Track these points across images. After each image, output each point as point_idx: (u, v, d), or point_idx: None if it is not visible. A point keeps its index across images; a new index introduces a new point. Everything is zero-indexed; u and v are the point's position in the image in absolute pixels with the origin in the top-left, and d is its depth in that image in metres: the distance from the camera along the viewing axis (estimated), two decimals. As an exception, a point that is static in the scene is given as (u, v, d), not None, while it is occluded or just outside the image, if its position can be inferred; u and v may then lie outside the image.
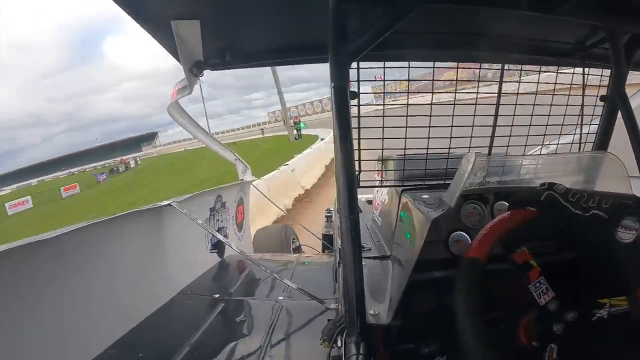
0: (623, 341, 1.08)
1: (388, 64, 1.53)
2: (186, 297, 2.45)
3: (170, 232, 2.47)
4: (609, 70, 1.66)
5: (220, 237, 2.70)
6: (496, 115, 1.57)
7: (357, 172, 1.47)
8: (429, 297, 1.35)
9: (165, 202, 2.37)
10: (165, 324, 2.15)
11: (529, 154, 1.68)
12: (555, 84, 1.65)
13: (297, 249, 4.54)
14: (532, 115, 1.59)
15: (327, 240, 4.20)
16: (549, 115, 1.61)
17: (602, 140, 1.72)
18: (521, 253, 1.11)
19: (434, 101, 1.58)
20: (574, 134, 1.71)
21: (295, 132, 33.67)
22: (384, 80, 1.54)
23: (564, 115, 1.65)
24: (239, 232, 3.85)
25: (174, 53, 1.77)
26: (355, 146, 1.36)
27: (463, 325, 0.96)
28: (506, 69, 1.62)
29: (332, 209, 4.20)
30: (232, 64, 1.90)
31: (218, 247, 3.13)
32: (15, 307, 1.48)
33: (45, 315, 1.59)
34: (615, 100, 1.66)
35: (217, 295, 2.51)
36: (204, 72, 1.91)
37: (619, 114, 1.68)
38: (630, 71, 1.68)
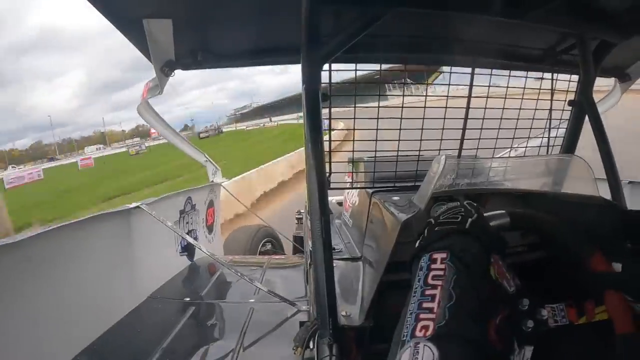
0: (594, 343, 1.10)
1: (360, 66, 1.53)
2: (156, 301, 2.41)
3: (140, 234, 2.42)
4: (577, 76, 1.70)
5: (191, 239, 2.67)
6: (466, 119, 1.59)
7: (327, 174, 1.47)
8: (401, 297, 1.35)
9: (134, 204, 2.33)
10: (135, 329, 2.11)
11: (498, 156, 1.70)
12: (525, 88, 1.67)
13: (267, 252, 4.51)
14: (501, 119, 1.61)
15: (298, 242, 4.19)
16: (517, 118, 1.64)
17: (570, 144, 1.76)
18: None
19: (404, 104, 1.59)
20: (543, 137, 1.74)
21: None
22: (356, 83, 1.54)
23: (533, 119, 1.68)
24: (209, 234, 3.81)
25: (145, 52, 1.74)
26: (326, 148, 1.36)
27: None
28: (476, 73, 1.64)
29: (302, 210, 4.18)
30: (204, 64, 1.88)
31: (188, 249, 3.09)
32: None
33: (9, 322, 1.55)
34: (583, 104, 1.70)
35: (187, 299, 2.48)
36: (175, 71, 1.88)
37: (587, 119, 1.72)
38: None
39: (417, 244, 0.95)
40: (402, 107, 1.58)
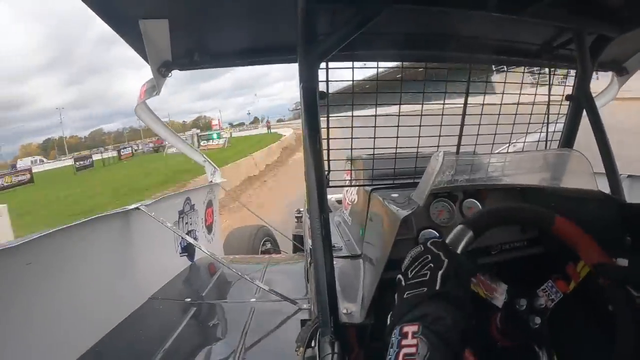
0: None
1: (357, 64, 1.53)
2: (157, 302, 2.42)
3: (139, 236, 2.43)
4: (575, 71, 1.70)
5: (191, 240, 2.67)
6: (464, 115, 1.59)
7: (326, 172, 1.47)
8: None
9: (133, 206, 2.33)
10: (137, 331, 2.11)
11: (496, 152, 1.70)
12: (522, 83, 1.67)
13: (267, 251, 4.53)
14: (499, 114, 1.61)
15: (298, 240, 4.20)
16: (515, 114, 1.64)
17: (568, 138, 1.76)
18: (577, 274, 1.10)
19: (402, 101, 1.59)
20: (541, 132, 1.75)
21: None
22: (353, 81, 1.54)
23: (531, 114, 1.68)
24: (209, 234, 3.82)
25: (142, 53, 1.74)
26: (325, 146, 1.36)
27: None
28: (473, 69, 1.64)
29: (302, 209, 4.18)
30: (201, 64, 1.87)
31: (188, 250, 3.10)
32: None
33: (11, 326, 1.55)
34: (581, 99, 1.70)
35: (188, 300, 2.49)
36: (172, 72, 1.88)
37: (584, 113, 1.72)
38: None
39: (389, 319, 0.87)
40: (400, 104, 1.58)
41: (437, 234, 1.36)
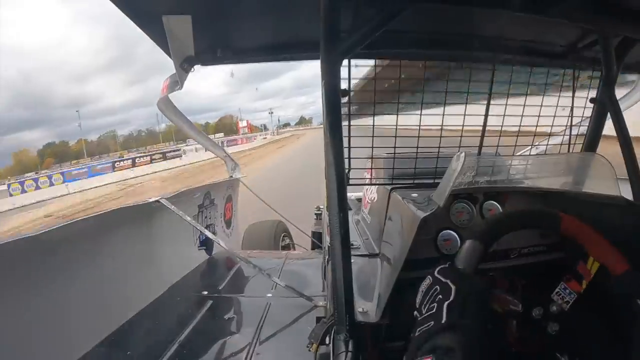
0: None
1: (379, 62, 1.52)
2: (174, 294, 2.44)
3: (159, 228, 2.46)
4: (599, 73, 1.68)
5: (209, 234, 2.69)
6: (486, 115, 1.58)
7: (346, 170, 1.46)
8: (417, 295, 1.36)
9: (153, 199, 2.36)
10: (154, 321, 2.14)
11: (518, 154, 1.69)
12: (546, 85, 1.65)
13: (287, 247, 4.54)
14: (522, 116, 1.60)
15: (317, 237, 4.20)
16: (538, 116, 1.62)
17: (591, 142, 1.73)
18: (588, 272, 1.10)
19: (425, 100, 1.58)
20: (564, 135, 1.72)
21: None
22: (375, 79, 1.54)
23: (554, 116, 1.66)
24: (227, 229, 3.84)
25: (165, 48, 1.75)
26: (345, 144, 1.36)
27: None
28: (497, 69, 1.62)
29: (321, 206, 4.19)
30: (224, 60, 1.88)
31: (206, 244, 3.12)
32: (1, 305, 1.47)
33: (33, 312, 1.58)
34: (605, 102, 1.67)
35: (205, 293, 2.51)
36: (194, 67, 1.89)
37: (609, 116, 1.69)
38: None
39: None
40: (422, 103, 1.58)
41: (456, 236, 1.35)
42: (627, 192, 1.39)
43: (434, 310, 0.87)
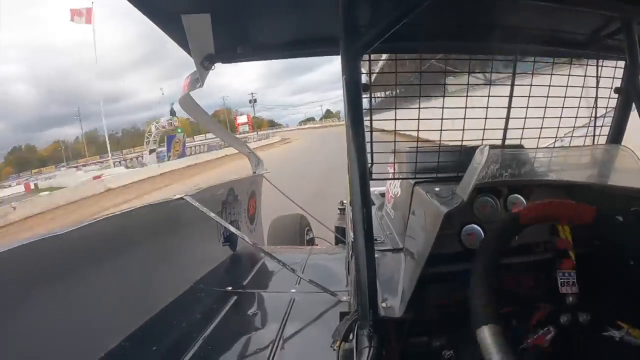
0: None
1: (399, 55, 1.52)
2: (199, 290, 2.46)
3: (183, 225, 2.48)
4: (624, 62, 1.64)
5: (234, 229, 2.70)
6: (509, 108, 1.56)
7: (369, 165, 1.46)
8: (441, 290, 1.35)
9: (178, 196, 2.38)
10: (179, 317, 2.16)
11: (542, 146, 1.67)
12: (569, 75, 1.62)
13: (311, 241, 4.56)
14: (545, 108, 1.57)
15: (340, 232, 4.20)
16: (562, 107, 1.59)
17: (616, 133, 1.70)
18: (566, 241, 1.12)
19: (447, 93, 1.57)
20: (588, 126, 1.69)
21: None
22: (396, 72, 1.53)
23: (578, 107, 1.63)
24: (251, 224, 3.86)
25: (185, 46, 1.77)
26: (367, 138, 1.36)
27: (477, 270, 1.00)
28: (519, 61, 1.60)
29: (345, 201, 4.19)
30: (244, 56, 1.89)
31: (230, 240, 3.14)
32: (30, 302, 1.50)
33: (60, 308, 1.61)
34: (630, 92, 1.64)
35: (229, 288, 2.52)
36: (215, 65, 1.90)
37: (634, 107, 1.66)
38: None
39: None
40: (444, 96, 1.57)
41: (480, 230, 1.34)
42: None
43: None
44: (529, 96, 1.57)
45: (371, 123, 1.47)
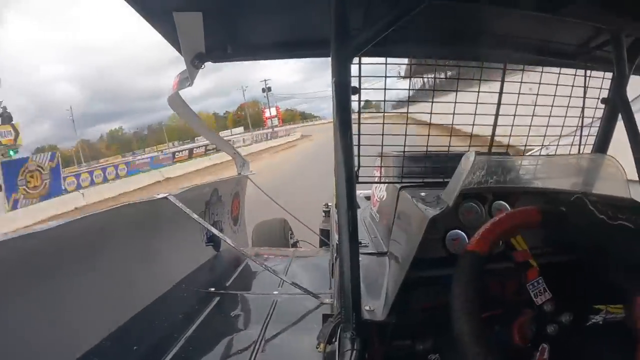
0: (614, 347, 1.09)
1: (390, 60, 1.52)
2: (181, 290, 2.45)
3: (167, 224, 2.46)
4: (611, 73, 1.66)
5: (216, 231, 2.69)
6: (497, 115, 1.57)
7: (356, 168, 1.46)
8: (425, 294, 1.35)
9: (161, 195, 2.36)
10: (160, 317, 2.14)
11: (528, 154, 1.68)
12: (557, 85, 1.64)
13: (295, 245, 4.55)
14: (532, 116, 1.59)
15: (325, 235, 4.21)
16: (549, 116, 1.61)
17: (602, 143, 1.73)
18: (522, 252, 1.13)
19: (435, 99, 1.58)
20: (574, 135, 1.71)
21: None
22: (385, 77, 1.53)
23: (565, 116, 1.65)
24: (235, 225, 3.85)
25: (175, 44, 1.76)
26: (355, 142, 1.35)
27: (458, 321, 0.96)
28: (508, 69, 1.61)
29: (330, 203, 4.19)
30: (234, 56, 1.88)
31: (214, 240, 3.12)
32: (8, 300, 1.47)
33: (40, 306, 1.58)
34: (616, 103, 1.66)
35: (212, 289, 2.51)
36: (205, 64, 1.89)
37: (620, 117, 1.68)
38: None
39: None
40: (432, 102, 1.57)
41: (464, 235, 1.34)
42: (638, 195, 1.38)
43: None
44: (517, 104, 1.58)
45: (359, 127, 1.47)
